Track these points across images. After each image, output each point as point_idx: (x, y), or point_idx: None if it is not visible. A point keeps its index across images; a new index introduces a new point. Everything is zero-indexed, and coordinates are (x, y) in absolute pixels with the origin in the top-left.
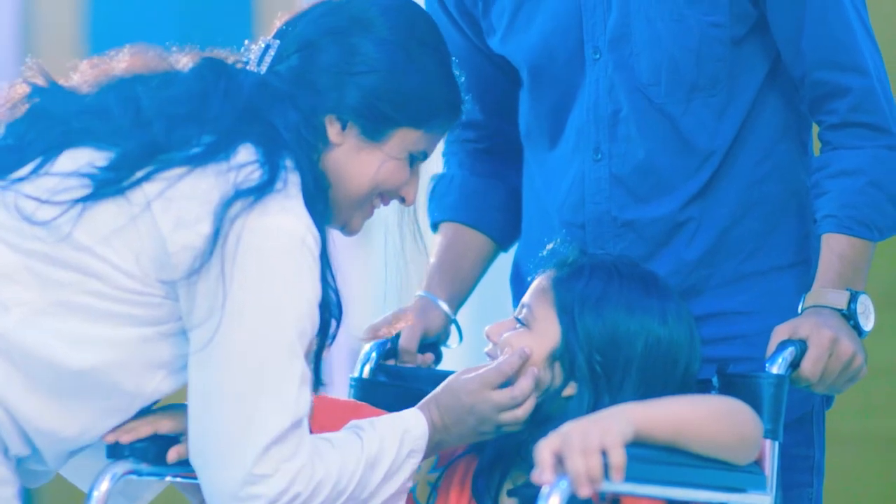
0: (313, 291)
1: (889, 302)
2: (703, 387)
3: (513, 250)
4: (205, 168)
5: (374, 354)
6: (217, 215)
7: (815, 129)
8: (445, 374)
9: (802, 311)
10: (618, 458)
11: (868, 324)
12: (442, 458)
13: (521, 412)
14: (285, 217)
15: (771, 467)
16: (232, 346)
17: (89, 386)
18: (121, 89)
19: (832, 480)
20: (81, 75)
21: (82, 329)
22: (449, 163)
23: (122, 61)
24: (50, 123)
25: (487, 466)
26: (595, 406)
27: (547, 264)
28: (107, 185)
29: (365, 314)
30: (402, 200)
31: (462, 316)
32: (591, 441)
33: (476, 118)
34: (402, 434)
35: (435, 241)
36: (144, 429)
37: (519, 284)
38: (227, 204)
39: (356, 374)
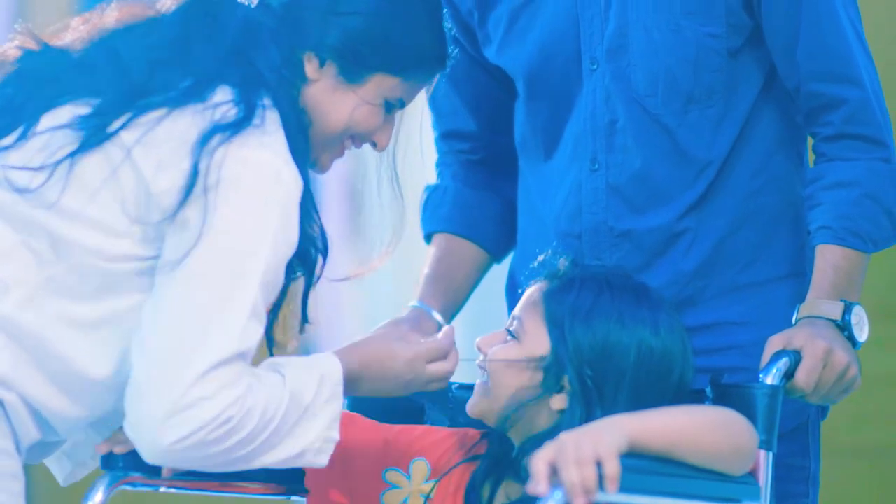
0: (284, 228)
1: (882, 313)
2: (696, 397)
3: (508, 260)
4: (182, 110)
5: None
6: (196, 150)
7: (810, 141)
8: None
9: (797, 321)
10: (612, 468)
11: (862, 335)
12: (435, 470)
13: (447, 381)
14: (263, 152)
15: (765, 478)
16: (193, 268)
17: (93, 376)
18: (107, 42)
19: (826, 491)
20: (73, 32)
21: (79, 310)
22: (442, 174)
23: (112, 14)
24: (39, 85)
25: (481, 479)
26: (587, 419)
27: (538, 275)
28: (92, 133)
29: (341, 259)
30: (375, 145)
31: (456, 326)
32: (585, 451)
33: (470, 129)
34: (321, 377)
35: (428, 252)
36: None
37: (513, 295)
38: (205, 138)
39: None
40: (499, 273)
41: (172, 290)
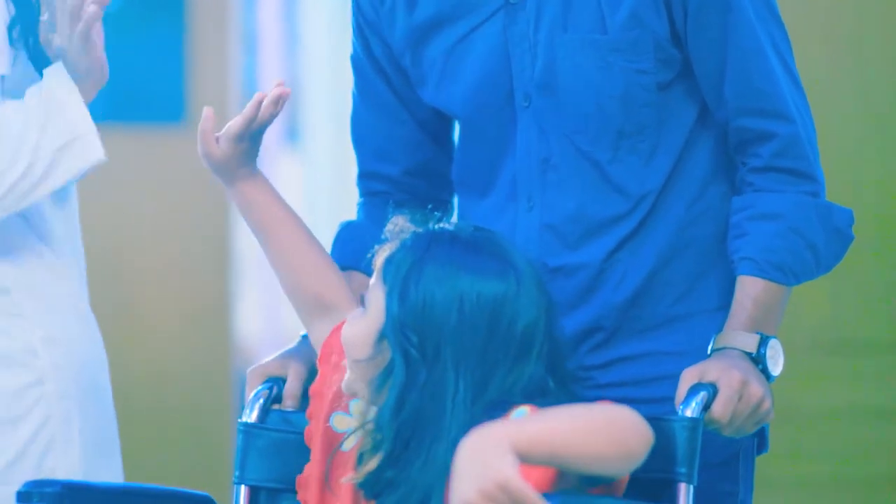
0: None
1: (817, 347)
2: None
3: None
4: None
5: (261, 401)
6: None
7: None
8: None
9: (712, 351)
10: (516, 485)
11: (776, 368)
12: None
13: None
14: None
15: None
16: None
17: None
18: None
19: None
20: None
21: None
22: (358, 212)
23: None
24: None
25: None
26: (412, 381)
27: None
28: None
29: None
30: None
31: None
32: (487, 485)
33: (391, 172)
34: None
35: None
36: None
37: None
38: None
39: (243, 419)
40: None
41: None
